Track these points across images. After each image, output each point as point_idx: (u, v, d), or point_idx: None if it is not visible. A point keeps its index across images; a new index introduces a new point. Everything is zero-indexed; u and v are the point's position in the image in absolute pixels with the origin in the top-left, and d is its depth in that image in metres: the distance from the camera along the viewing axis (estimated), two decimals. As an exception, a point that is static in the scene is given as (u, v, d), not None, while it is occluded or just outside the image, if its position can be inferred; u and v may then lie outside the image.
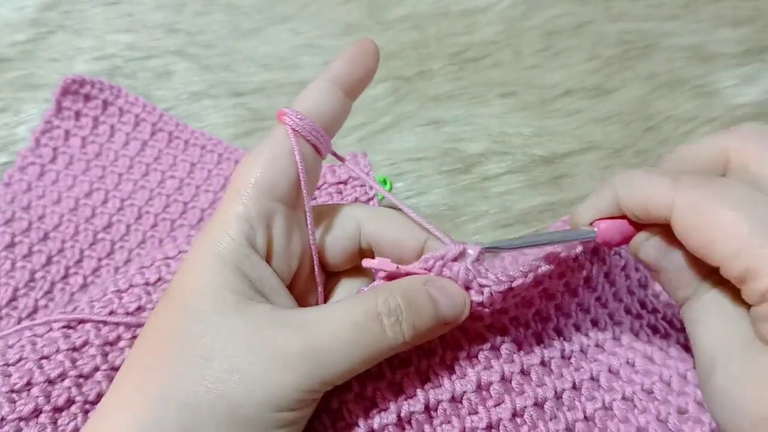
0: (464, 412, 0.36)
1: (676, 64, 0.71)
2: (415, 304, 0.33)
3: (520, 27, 0.73)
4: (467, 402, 0.36)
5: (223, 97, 0.67)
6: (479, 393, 0.37)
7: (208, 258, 0.33)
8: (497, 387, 0.37)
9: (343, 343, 0.31)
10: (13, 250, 0.56)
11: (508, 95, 0.69)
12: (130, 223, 0.59)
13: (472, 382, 0.36)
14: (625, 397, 0.40)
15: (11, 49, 0.67)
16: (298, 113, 0.35)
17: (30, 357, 0.38)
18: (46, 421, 0.36)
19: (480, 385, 0.37)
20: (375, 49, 0.39)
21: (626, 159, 0.66)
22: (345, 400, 0.36)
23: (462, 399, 0.36)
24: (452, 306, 0.35)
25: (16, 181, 0.59)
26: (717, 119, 0.68)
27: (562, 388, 0.39)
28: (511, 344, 0.38)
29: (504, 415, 0.36)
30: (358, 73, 0.38)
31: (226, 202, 0.34)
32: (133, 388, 0.31)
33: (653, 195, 0.33)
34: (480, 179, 0.64)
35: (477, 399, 0.36)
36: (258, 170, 0.34)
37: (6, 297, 0.54)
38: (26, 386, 0.37)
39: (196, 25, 0.71)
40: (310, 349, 0.31)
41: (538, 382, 0.39)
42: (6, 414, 0.35)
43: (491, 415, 0.36)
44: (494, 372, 0.37)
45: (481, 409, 0.36)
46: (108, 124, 0.63)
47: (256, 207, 0.34)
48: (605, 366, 0.41)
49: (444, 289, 0.35)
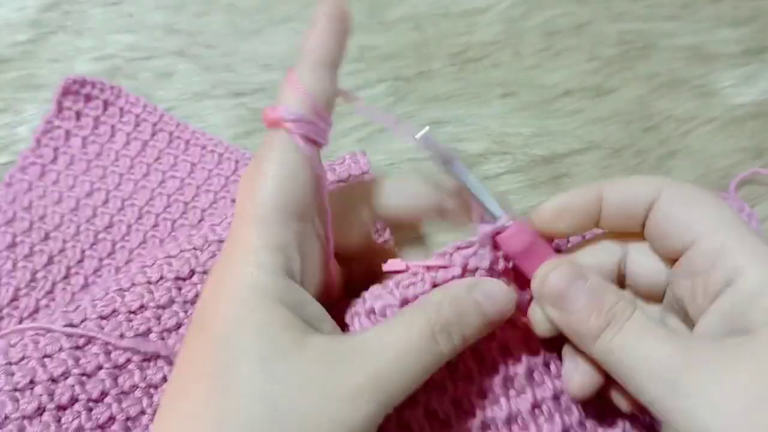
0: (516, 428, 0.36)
1: (676, 64, 0.71)
2: (464, 314, 0.33)
3: (520, 27, 0.73)
4: (521, 420, 0.36)
5: (224, 98, 0.67)
6: (532, 412, 0.37)
7: (245, 295, 0.30)
8: (549, 404, 0.37)
9: (406, 369, 0.31)
10: (14, 250, 0.56)
11: (508, 95, 0.69)
12: (131, 223, 0.59)
13: (528, 400, 0.37)
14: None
15: (12, 50, 0.67)
16: (296, 114, 0.33)
17: (33, 355, 0.38)
18: (50, 420, 0.36)
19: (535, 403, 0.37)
20: (341, 8, 0.37)
21: (626, 159, 0.66)
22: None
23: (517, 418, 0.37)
24: (496, 307, 0.35)
25: (17, 181, 0.59)
26: (717, 119, 0.68)
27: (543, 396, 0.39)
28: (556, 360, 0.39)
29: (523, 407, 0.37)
30: (335, 42, 0.37)
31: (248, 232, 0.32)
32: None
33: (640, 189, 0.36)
34: (480, 179, 0.63)
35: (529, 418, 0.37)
36: (276, 192, 0.32)
37: (7, 297, 0.54)
38: (29, 385, 0.37)
39: (196, 26, 0.71)
40: (377, 380, 0.30)
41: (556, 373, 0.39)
42: (9, 412, 0.35)
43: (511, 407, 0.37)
44: (547, 388, 0.38)
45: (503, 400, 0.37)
46: (109, 124, 0.63)
47: (286, 235, 0.32)
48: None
49: (488, 292, 0.35)
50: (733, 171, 0.65)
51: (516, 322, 0.38)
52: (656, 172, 0.65)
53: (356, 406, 0.29)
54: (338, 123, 0.66)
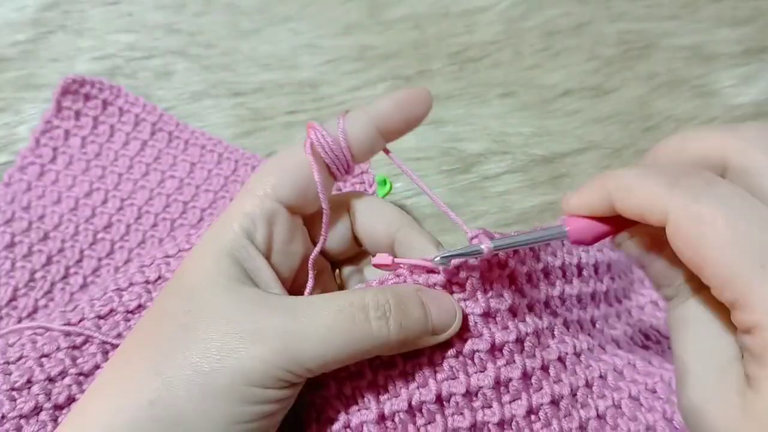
0: (478, 405, 0.36)
1: (676, 64, 0.71)
2: (405, 305, 0.34)
3: (520, 27, 0.73)
4: (482, 396, 0.36)
5: (224, 97, 0.67)
6: (497, 389, 0.36)
7: (209, 248, 0.34)
8: (516, 384, 0.36)
9: (322, 327, 0.32)
10: (13, 250, 0.56)
11: (508, 95, 0.69)
12: (130, 223, 0.59)
13: (491, 377, 0.36)
14: (631, 396, 0.40)
15: (11, 49, 0.67)
16: (323, 131, 0.36)
17: (30, 355, 0.38)
18: (47, 419, 0.36)
19: (499, 381, 0.36)
20: (427, 99, 0.38)
21: (626, 159, 0.66)
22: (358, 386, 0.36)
23: (477, 393, 0.36)
24: (443, 316, 0.35)
25: (16, 181, 0.59)
26: (717, 119, 0.68)
27: (577, 386, 0.39)
28: (533, 336, 0.38)
29: (519, 411, 0.36)
30: (399, 119, 0.37)
31: (237, 200, 0.36)
32: (117, 363, 0.33)
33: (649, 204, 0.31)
34: (480, 179, 0.64)
35: (493, 395, 0.36)
36: (270, 175, 0.36)
37: (6, 297, 0.54)
38: (27, 384, 0.37)
39: (196, 25, 0.71)
40: (288, 326, 0.31)
41: (556, 378, 0.38)
42: (7, 412, 0.35)
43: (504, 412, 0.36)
44: (515, 367, 0.37)
45: (495, 404, 0.36)
46: (108, 123, 0.63)
47: (261, 206, 0.35)
48: (610, 365, 0.41)
49: (436, 299, 0.35)
50: (733, 171, 0.65)
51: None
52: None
53: (259, 344, 0.31)
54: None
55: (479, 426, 0.36)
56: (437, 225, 0.60)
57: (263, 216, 0.35)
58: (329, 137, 0.36)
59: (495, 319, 0.37)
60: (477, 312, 0.36)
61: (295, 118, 0.66)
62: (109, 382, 0.32)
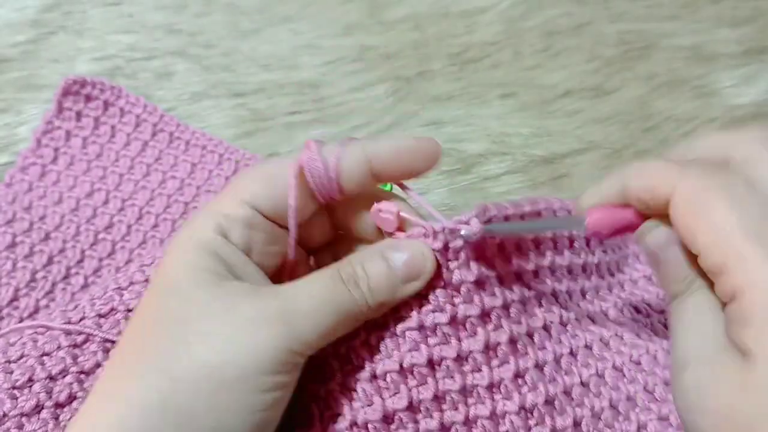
0: (468, 368, 0.36)
1: (676, 64, 0.71)
2: (369, 267, 0.34)
3: (520, 27, 0.73)
4: (472, 360, 0.36)
5: (224, 98, 0.67)
6: (486, 353, 0.37)
7: (189, 244, 0.34)
8: (504, 348, 0.37)
9: (315, 301, 0.32)
10: (14, 251, 0.56)
11: (508, 96, 0.69)
12: (131, 224, 0.59)
13: (481, 341, 0.36)
14: (615, 367, 0.41)
15: (12, 50, 0.68)
16: (316, 155, 0.35)
17: (31, 354, 0.38)
18: (48, 417, 0.36)
19: (488, 345, 0.37)
20: (434, 154, 0.37)
21: (626, 159, 0.66)
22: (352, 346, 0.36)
23: (467, 357, 0.36)
24: (409, 263, 0.35)
25: (18, 182, 0.59)
26: (717, 119, 0.68)
27: (560, 353, 0.40)
28: (519, 304, 0.39)
29: (506, 375, 0.37)
30: (395, 167, 0.36)
31: (216, 198, 0.36)
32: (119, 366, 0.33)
33: (659, 181, 0.34)
34: (480, 179, 0.64)
35: (482, 359, 0.37)
36: (254, 183, 0.35)
37: (7, 297, 0.54)
38: (28, 383, 0.37)
39: (196, 26, 0.71)
40: (286, 308, 0.32)
41: (540, 345, 0.39)
42: (8, 410, 0.35)
43: (493, 375, 0.37)
44: (503, 332, 0.37)
45: (485, 368, 0.37)
46: (109, 124, 0.63)
47: (238, 211, 0.35)
48: (597, 336, 0.42)
49: (399, 246, 0.35)
50: (733, 171, 0.65)
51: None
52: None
53: (260, 330, 0.31)
54: (339, 123, 0.66)
55: (469, 389, 0.36)
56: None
57: (240, 220, 0.35)
58: (319, 164, 0.35)
59: (484, 286, 0.37)
60: (469, 279, 0.36)
61: (296, 119, 0.66)
62: (114, 384, 0.32)
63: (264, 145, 0.64)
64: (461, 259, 0.36)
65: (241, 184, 0.36)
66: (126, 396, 0.30)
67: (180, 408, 0.30)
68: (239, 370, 0.30)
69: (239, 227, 0.35)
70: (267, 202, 0.35)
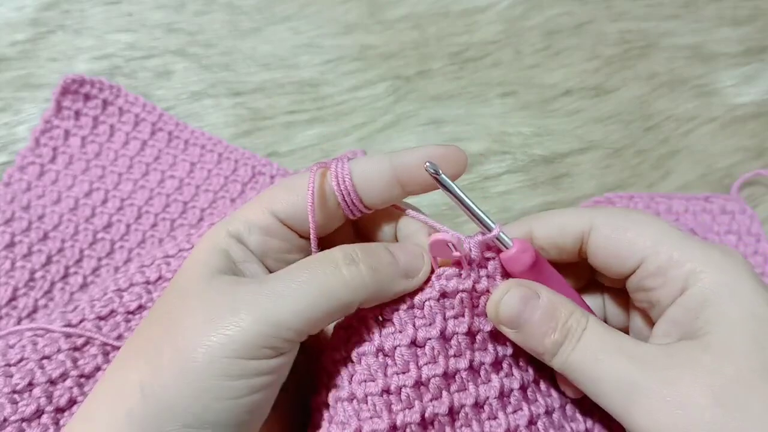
0: (484, 416, 0.36)
1: (677, 63, 0.71)
2: (372, 249, 0.35)
3: (520, 27, 0.73)
4: (488, 407, 0.36)
5: (223, 97, 0.67)
6: (501, 399, 0.37)
7: (203, 245, 0.35)
8: (516, 394, 0.37)
9: (293, 283, 0.32)
10: (12, 250, 0.56)
11: (508, 95, 0.69)
12: (130, 223, 0.59)
13: (496, 388, 0.36)
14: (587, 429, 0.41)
15: (11, 49, 0.67)
16: (344, 167, 0.36)
17: (31, 357, 0.38)
18: (49, 422, 0.36)
19: (503, 392, 0.37)
20: (460, 161, 0.37)
21: (626, 159, 0.66)
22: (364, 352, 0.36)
23: (484, 405, 0.36)
24: (412, 260, 0.35)
25: (16, 181, 0.59)
26: (717, 119, 0.68)
27: (566, 401, 0.40)
28: (526, 353, 0.38)
29: (521, 422, 0.36)
30: (423, 176, 0.36)
31: (247, 204, 0.37)
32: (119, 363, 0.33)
33: (569, 220, 0.37)
34: (480, 179, 0.64)
35: (498, 405, 0.36)
36: (285, 194, 0.36)
37: (6, 297, 0.54)
38: (28, 387, 0.37)
39: (196, 25, 0.70)
40: (262, 293, 0.32)
41: (547, 393, 0.39)
42: (8, 415, 0.35)
43: (509, 421, 0.36)
44: (515, 379, 0.37)
45: (500, 414, 0.36)
46: (108, 123, 0.63)
47: (262, 220, 0.36)
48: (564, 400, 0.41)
49: (401, 246, 0.36)
50: (733, 171, 0.65)
51: None
52: (656, 171, 0.65)
53: (238, 314, 0.31)
54: (339, 122, 0.66)
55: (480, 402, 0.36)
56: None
57: (259, 226, 0.36)
58: (347, 173, 0.35)
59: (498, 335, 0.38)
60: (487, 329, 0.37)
61: (295, 118, 0.66)
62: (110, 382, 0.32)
63: (263, 144, 0.64)
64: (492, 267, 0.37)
65: (267, 193, 0.37)
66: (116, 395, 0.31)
67: (159, 399, 0.30)
68: (211, 356, 0.30)
69: (256, 232, 0.35)
70: (288, 208, 0.36)
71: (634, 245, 0.35)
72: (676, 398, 0.31)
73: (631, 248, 0.35)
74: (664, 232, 0.35)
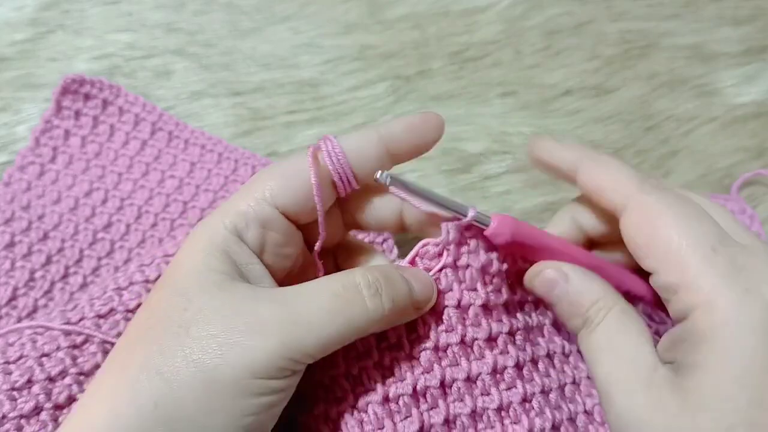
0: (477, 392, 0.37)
1: (677, 63, 0.71)
2: (393, 279, 0.35)
3: (520, 26, 0.73)
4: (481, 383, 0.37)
5: (223, 97, 0.67)
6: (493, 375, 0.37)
7: (201, 243, 0.34)
8: (510, 372, 0.37)
9: (321, 311, 0.32)
10: (12, 250, 0.56)
11: (508, 95, 0.69)
12: (130, 223, 0.59)
13: (489, 364, 0.37)
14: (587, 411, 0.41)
15: (10, 49, 0.67)
16: (335, 144, 0.36)
17: (31, 354, 0.38)
18: (47, 419, 0.36)
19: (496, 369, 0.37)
20: (439, 125, 0.38)
21: (626, 159, 0.66)
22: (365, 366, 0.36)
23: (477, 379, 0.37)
24: (424, 290, 0.36)
25: (16, 181, 0.59)
26: (718, 119, 0.68)
27: (564, 381, 0.41)
28: (524, 331, 0.39)
29: (514, 398, 0.37)
30: (409, 141, 0.38)
31: (234, 197, 0.36)
32: (117, 364, 0.33)
33: (615, 184, 0.36)
34: (480, 179, 0.64)
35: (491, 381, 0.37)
36: (271, 179, 0.36)
37: (6, 296, 0.54)
38: (27, 384, 0.37)
39: (195, 25, 0.70)
40: (288, 316, 0.32)
41: (545, 372, 0.40)
42: (7, 412, 0.35)
43: (503, 398, 0.37)
44: (510, 357, 0.38)
45: (493, 390, 0.37)
46: (108, 123, 0.63)
47: (255, 209, 0.35)
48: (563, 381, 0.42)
49: (414, 274, 0.36)
50: (734, 170, 0.65)
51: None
52: (657, 171, 0.65)
53: (260, 336, 0.31)
54: (339, 122, 0.66)
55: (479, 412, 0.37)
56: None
57: (257, 218, 0.35)
58: (339, 149, 0.36)
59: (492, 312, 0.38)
60: (478, 303, 0.37)
61: (295, 118, 0.66)
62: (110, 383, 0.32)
63: (263, 144, 0.64)
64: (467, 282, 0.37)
65: (258, 182, 0.36)
66: (121, 394, 0.31)
67: (172, 409, 0.30)
68: (233, 374, 0.30)
69: (254, 226, 0.35)
70: (286, 198, 0.35)
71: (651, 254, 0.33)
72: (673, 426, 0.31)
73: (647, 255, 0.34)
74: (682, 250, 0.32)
